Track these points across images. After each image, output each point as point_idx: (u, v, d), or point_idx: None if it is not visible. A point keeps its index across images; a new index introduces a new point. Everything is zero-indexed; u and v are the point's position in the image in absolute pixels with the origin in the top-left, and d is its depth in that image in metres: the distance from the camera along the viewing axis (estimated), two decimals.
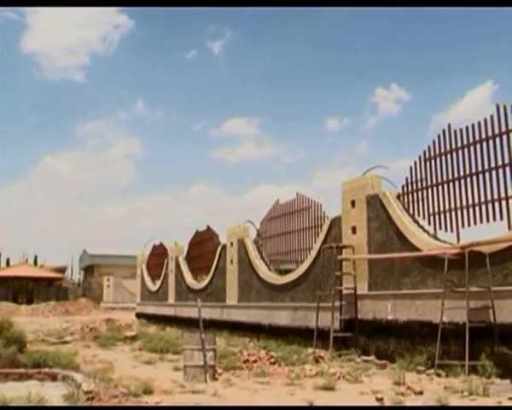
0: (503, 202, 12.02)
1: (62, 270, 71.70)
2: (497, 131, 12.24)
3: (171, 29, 60.08)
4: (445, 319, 12.05)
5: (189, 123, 68.59)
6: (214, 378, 11.16)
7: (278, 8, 54.88)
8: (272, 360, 13.38)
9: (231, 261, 23.58)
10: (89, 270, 73.65)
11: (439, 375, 11.47)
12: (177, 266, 30.20)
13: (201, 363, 11.00)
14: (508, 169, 11.98)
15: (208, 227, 27.44)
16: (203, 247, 27.77)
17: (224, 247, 24.62)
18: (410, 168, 14.58)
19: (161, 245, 33.89)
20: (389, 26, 51.54)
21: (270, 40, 58.31)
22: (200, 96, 64.58)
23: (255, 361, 13.18)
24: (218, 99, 63.90)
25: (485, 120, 12.55)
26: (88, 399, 8.03)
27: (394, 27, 51.65)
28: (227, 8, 59.42)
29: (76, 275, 78.49)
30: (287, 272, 19.86)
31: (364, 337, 14.90)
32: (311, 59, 55.93)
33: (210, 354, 11.17)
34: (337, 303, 15.60)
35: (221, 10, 59.59)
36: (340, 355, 14.37)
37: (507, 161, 12.01)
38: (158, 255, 34.26)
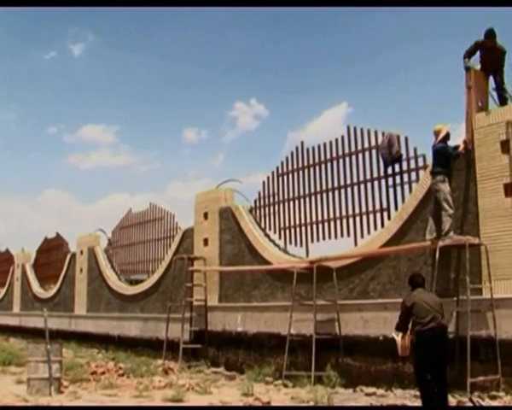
0: (351, 219, 12.00)
1: None
2: (347, 151, 12.23)
3: (30, 27, 56.08)
4: (292, 331, 11.74)
5: (43, 126, 64.46)
6: (60, 391, 10.23)
7: (143, 19, 53.30)
8: (121, 371, 12.55)
9: (81, 270, 22.04)
10: None
11: (286, 386, 11.12)
12: (24, 274, 27.83)
13: (46, 375, 10.05)
14: (356, 188, 11.98)
15: (57, 234, 25.62)
16: (52, 255, 25.85)
17: (74, 255, 23.04)
18: (263, 183, 14.27)
19: (7, 252, 31.21)
20: (250, 42, 52.03)
21: (132, 49, 56.61)
22: (56, 98, 60.91)
23: (103, 373, 12.28)
24: (76, 103, 60.67)
25: (337, 140, 12.51)
26: None
27: (256, 44, 52.24)
28: (91, 11, 56.58)
29: None
30: (138, 282, 18.86)
31: (214, 349, 14.30)
32: (171, 71, 55.08)
33: (56, 366, 10.23)
34: (187, 314, 14.88)
35: (85, 12, 56.54)
36: (189, 367, 13.77)
37: (355, 179, 12.01)
38: (3, 262, 31.39)
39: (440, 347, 7.04)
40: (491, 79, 10.03)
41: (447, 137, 9.99)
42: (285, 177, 13.68)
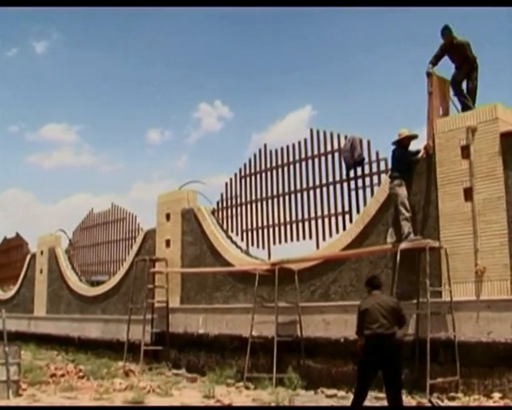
0: (313, 222, 11.85)
1: None
2: (309, 154, 12.08)
3: None
4: (254, 333, 11.52)
5: (4, 124, 62.10)
6: (18, 394, 9.86)
7: (107, 19, 52.07)
8: (81, 373, 12.19)
9: (41, 271, 21.38)
10: None
11: (247, 388, 10.89)
12: None
13: (4, 378, 9.70)
14: (318, 190, 11.84)
15: (17, 234, 24.83)
16: (11, 255, 25.01)
17: (34, 256, 22.34)
18: (226, 185, 14.02)
19: None
20: (215, 44, 51.35)
21: (96, 49, 55.16)
22: (18, 96, 58.81)
23: (63, 375, 11.91)
24: (38, 101, 58.61)
25: (299, 143, 12.36)
26: None
27: (221, 46, 51.59)
28: (56, 8, 54.63)
29: None
30: (99, 283, 18.36)
31: (175, 351, 13.95)
32: (135, 71, 53.94)
33: (14, 369, 9.87)
34: (149, 316, 14.49)
35: (49, 9, 54.77)
36: (150, 369, 13.39)
37: (317, 182, 11.88)
38: None
39: (385, 352, 7.03)
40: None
41: (408, 141, 9.92)
42: (248, 179, 13.48)
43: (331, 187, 11.60)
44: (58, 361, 15.11)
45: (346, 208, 11.27)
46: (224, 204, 14.06)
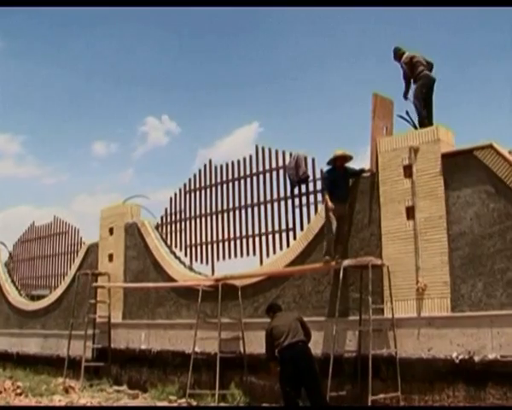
0: (257, 238, 11.45)
1: None
2: (254, 171, 11.70)
3: None
4: (197, 349, 10.98)
5: None
6: None
7: (55, 29, 49.94)
8: (19, 390, 11.49)
9: None
10: None
11: (190, 404, 10.40)
12: None
13: None
14: (262, 207, 11.48)
15: None
16: None
17: None
18: (170, 199, 13.44)
19: None
20: (163, 58, 50.14)
21: (42, 60, 52.81)
22: None
23: None
24: None
25: (244, 159, 11.96)
26: None
27: (170, 60, 50.42)
28: (2, 14, 51.84)
29: None
30: (40, 297, 17.35)
31: (117, 367, 13.19)
32: (81, 83, 52.02)
33: None
34: (90, 331, 13.71)
35: None
36: (91, 385, 12.64)
37: (262, 199, 11.51)
38: None
39: (300, 360, 7.09)
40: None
41: (341, 162, 9.56)
42: (192, 194, 12.96)
43: (275, 204, 11.21)
44: None
45: (290, 225, 10.90)
46: (169, 219, 13.47)
